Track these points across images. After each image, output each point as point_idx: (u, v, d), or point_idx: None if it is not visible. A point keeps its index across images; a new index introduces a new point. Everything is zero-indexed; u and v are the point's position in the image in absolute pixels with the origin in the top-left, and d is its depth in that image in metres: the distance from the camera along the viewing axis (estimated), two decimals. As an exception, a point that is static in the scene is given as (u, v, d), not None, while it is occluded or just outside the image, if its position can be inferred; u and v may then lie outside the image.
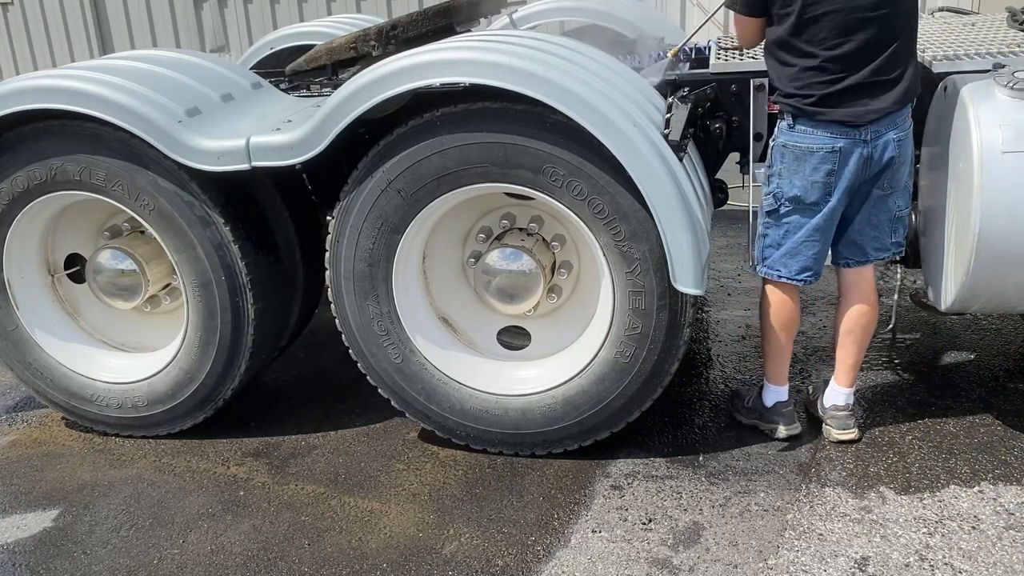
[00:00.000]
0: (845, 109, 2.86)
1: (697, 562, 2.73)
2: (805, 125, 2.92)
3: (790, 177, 2.98)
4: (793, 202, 2.99)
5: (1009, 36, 3.54)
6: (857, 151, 2.89)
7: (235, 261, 3.29)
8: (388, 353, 3.25)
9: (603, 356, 3.11)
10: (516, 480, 3.20)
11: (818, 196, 2.95)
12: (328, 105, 2.99)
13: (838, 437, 3.25)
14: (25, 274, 3.66)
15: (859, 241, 3.10)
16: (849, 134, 2.88)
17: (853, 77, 2.84)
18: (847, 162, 2.90)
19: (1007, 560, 2.63)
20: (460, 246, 3.45)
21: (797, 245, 3.04)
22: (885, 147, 2.91)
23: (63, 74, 3.31)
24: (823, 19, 2.82)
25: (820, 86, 2.86)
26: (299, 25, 6.03)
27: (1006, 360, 3.83)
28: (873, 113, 2.86)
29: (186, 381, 3.49)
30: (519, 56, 2.84)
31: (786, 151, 2.98)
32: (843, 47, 2.83)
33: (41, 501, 3.31)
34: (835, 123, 2.88)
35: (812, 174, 2.93)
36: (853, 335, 3.20)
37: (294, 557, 2.89)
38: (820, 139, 2.90)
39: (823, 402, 3.32)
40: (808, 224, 3.00)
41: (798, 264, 3.07)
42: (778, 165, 3.02)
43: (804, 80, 2.89)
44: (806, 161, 2.93)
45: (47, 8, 9.59)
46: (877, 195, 3.01)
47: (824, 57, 2.85)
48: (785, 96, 2.95)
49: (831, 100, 2.86)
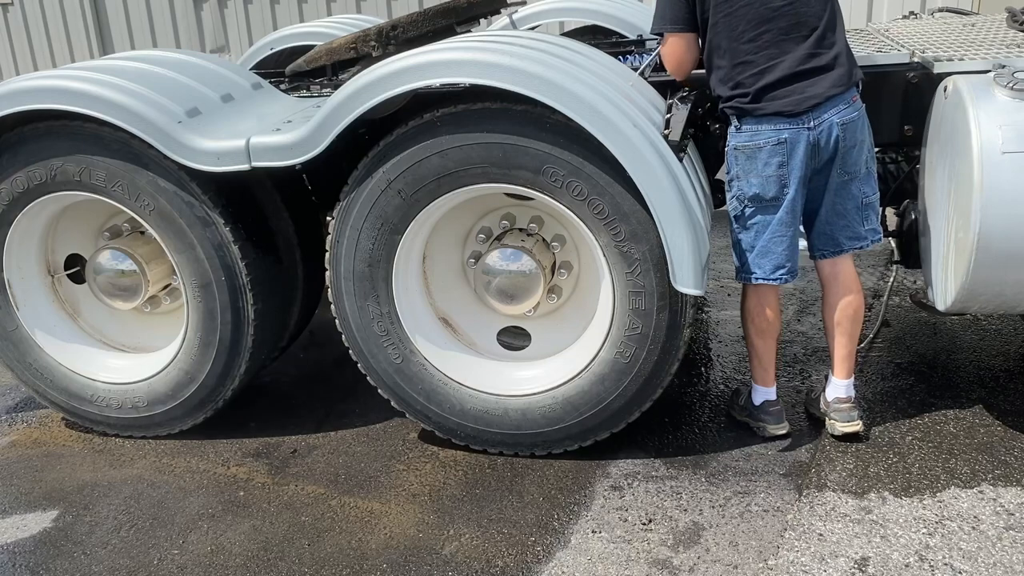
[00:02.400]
0: (781, 100, 2.92)
1: (697, 562, 2.73)
2: (749, 124, 2.99)
3: (746, 177, 3.04)
4: (754, 201, 3.05)
5: (1009, 36, 3.54)
6: (803, 139, 2.93)
7: (235, 261, 3.29)
8: (388, 353, 3.25)
9: (603, 356, 3.11)
10: (516, 480, 3.20)
11: (775, 191, 3.00)
12: (328, 106, 2.99)
13: (843, 430, 3.24)
14: (25, 274, 3.66)
15: (829, 231, 3.14)
16: (792, 123, 2.93)
17: (781, 67, 2.91)
18: (795, 151, 2.95)
19: (1007, 560, 2.63)
20: (460, 246, 3.46)
21: (766, 244, 3.08)
22: (830, 131, 2.94)
23: (63, 74, 3.31)
24: (737, 14, 2.92)
25: (751, 80, 2.93)
26: (299, 25, 6.03)
27: (1006, 360, 3.83)
28: (811, 99, 2.91)
29: (186, 381, 3.49)
30: (519, 56, 2.84)
31: (738, 152, 3.04)
32: (762, 38, 2.91)
33: (41, 501, 3.31)
34: (775, 115, 2.93)
35: (764, 169, 2.98)
36: (841, 327, 3.23)
37: (294, 557, 2.89)
38: (765, 134, 2.96)
39: (825, 398, 3.33)
40: (772, 220, 3.05)
41: (771, 263, 3.11)
42: (734, 168, 3.08)
43: (735, 79, 2.96)
44: (756, 158, 2.99)
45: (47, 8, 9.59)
46: (836, 182, 3.05)
47: (747, 51, 2.93)
48: (725, 100, 3.03)
49: (765, 93, 2.93)
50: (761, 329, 3.26)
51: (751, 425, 3.38)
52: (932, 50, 3.34)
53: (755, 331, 3.27)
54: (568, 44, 3.29)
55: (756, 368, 3.34)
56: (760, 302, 3.22)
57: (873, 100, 3.40)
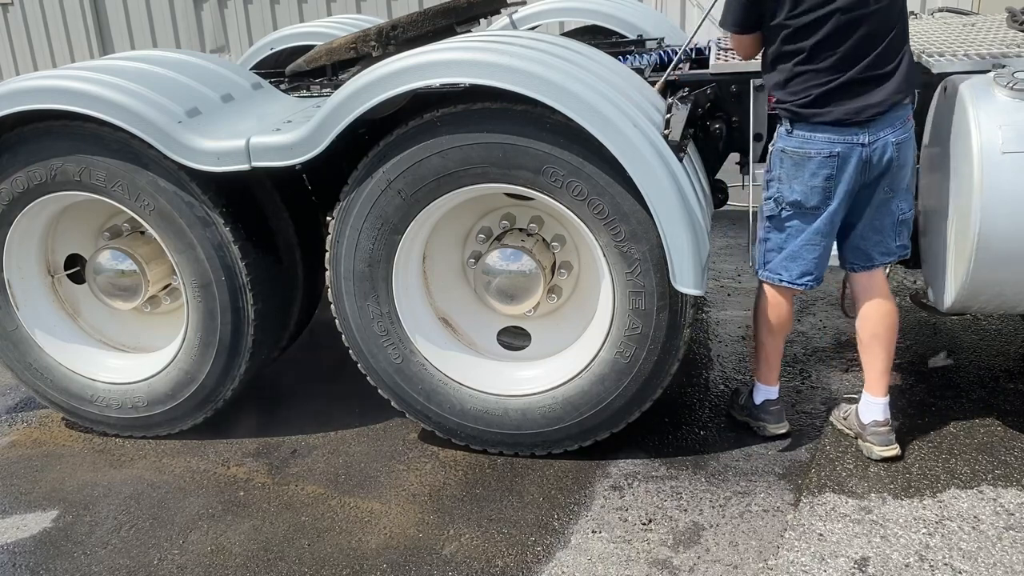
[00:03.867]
0: (841, 107, 2.85)
1: (697, 562, 2.73)
2: (802, 130, 2.92)
3: (789, 182, 2.97)
4: (793, 207, 2.98)
5: (1009, 36, 3.54)
6: (856, 155, 2.88)
7: (235, 261, 3.29)
8: (388, 353, 3.25)
9: (603, 356, 3.11)
10: (516, 480, 3.20)
11: (818, 200, 2.94)
12: (328, 106, 2.99)
13: (881, 454, 3.12)
14: (25, 274, 3.66)
15: (863, 246, 3.08)
16: (847, 138, 2.86)
17: (848, 74, 2.83)
18: (846, 166, 2.89)
19: (1007, 560, 2.63)
20: (460, 246, 3.46)
21: (798, 249, 3.03)
22: (884, 149, 2.89)
23: (63, 74, 3.31)
24: (817, 24, 2.81)
25: (816, 87, 2.86)
26: (299, 25, 6.04)
27: (1006, 360, 3.83)
28: (870, 109, 2.84)
29: (186, 381, 3.49)
30: (519, 56, 2.85)
31: (784, 156, 2.97)
32: (840, 48, 2.82)
33: (41, 501, 3.31)
34: (832, 125, 2.86)
35: (811, 179, 2.92)
36: (879, 339, 3.13)
37: (294, 557, 2.89)
38: (818, 144, 2.89)
39: (860, 418, 3.21)
40: (809, 228, 2.99)
41: (799, 268, 3.06)
42: (777, 170, 3.01)
43: (798, 84, 2.89)
44: (804, 166, 2.92)
45: (47, 8, 9.60)
46: (879, 199, 2.99)
47: (820, 59, 2.84)
48: (780, 101, 2.96)
49: (825, 99, 2.85)
50: (773, 328, 3.21)
51: (751, 424, 3.37)
52: (932, 50, 3.34)
53: (767, 329, 3.22)
54: (568, 44, 3.29)
55: (761, 366, 3.31)
56: (777, 301, 3.17)
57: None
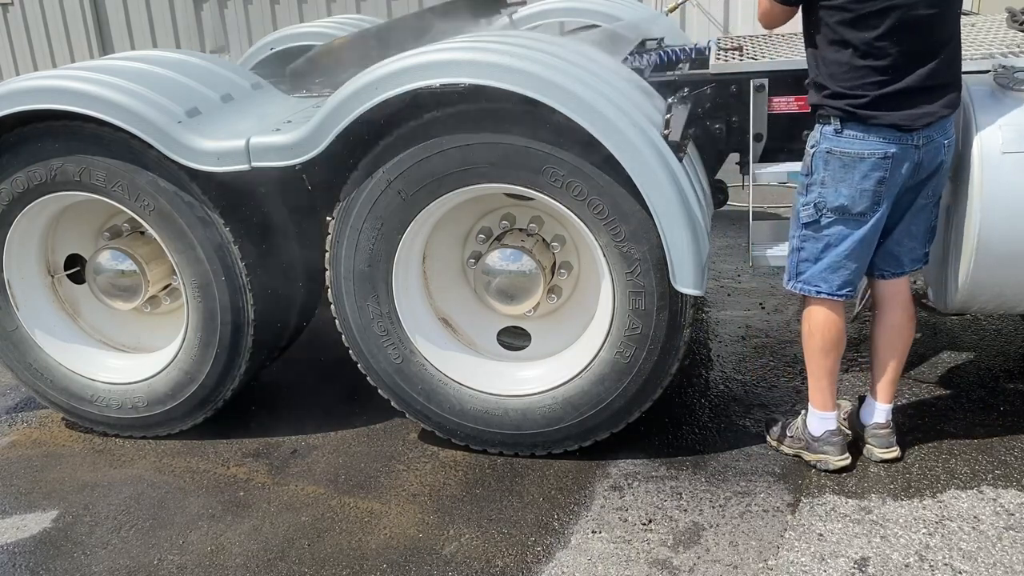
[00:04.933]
0: (900, 112, 2.67)
1: (697, 562, 2.73)
2: (855, 130, 2.71)
3: (835, 185, 2.77)
4: (837, 212, 2.80)
5: (1009, 36, 3.54)
6: (909, 157, 2.72)
7: (235, 261, 3.29)
8: (388, 354, 3.25)
9: (603, 357, 3.11)
10: (516, 481, 3.20)
11: (866, 206, 2.76)
12: (328, 106, 2.99)
13: (881, 456, 3.09)
14: (25, 275, 3.66)
15: (896, 252, 2.95)
16: (902, 139, 2.70)
17: (907, 79, 2.65)
18: (899, 169, 2.73)
19: (1007, 560, 2.63)
20: (460, 246, 3.46)
21: (840, 259, 2.85)
22: (936, 152, 2.76)
23: (63, 75, 3.31)
24: (880, 15, 2.60)
25: (874, 86, 2.66)
26: (299, 25, 6.04)
27: (1006, 360, 3.83)
28: (927, 117, 2.69)
29: (186, 382, 3.49)
30: (519, 57, 2.84)
31: (831, 157, 2.76)
32: (899, 47, 2.62)
33: (41, 501, 3.31)
34: (887, 127, 2.69)
35: (862, 182, 2.73)
36: (895, 349, 3.04)
37: (294, 557, 2.89)
38: (872, 144, 2.70)
39: (862, 420, 3.18)
40: (853, 236, 2.81)
41: (840, 279, 2.88)
42: (821, 172, 2.80)
43: (857, 80, 2.67)
44: (855, 168, 2.73)
45: (47, 8, 9.60)
46: (920, 204, 2.86)
47: (879, 55, 2.63)
48: (832, 96, 2.73)
49: (883, 102, 2.67)
50: (828, 347, 2.98)
51: (806, 458, 3.12)
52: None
53: (822, 348, 2.98)
54: (568, 44, 3.29)
55: (816, 391, 3.05)
56: (827, 316, 2.94)
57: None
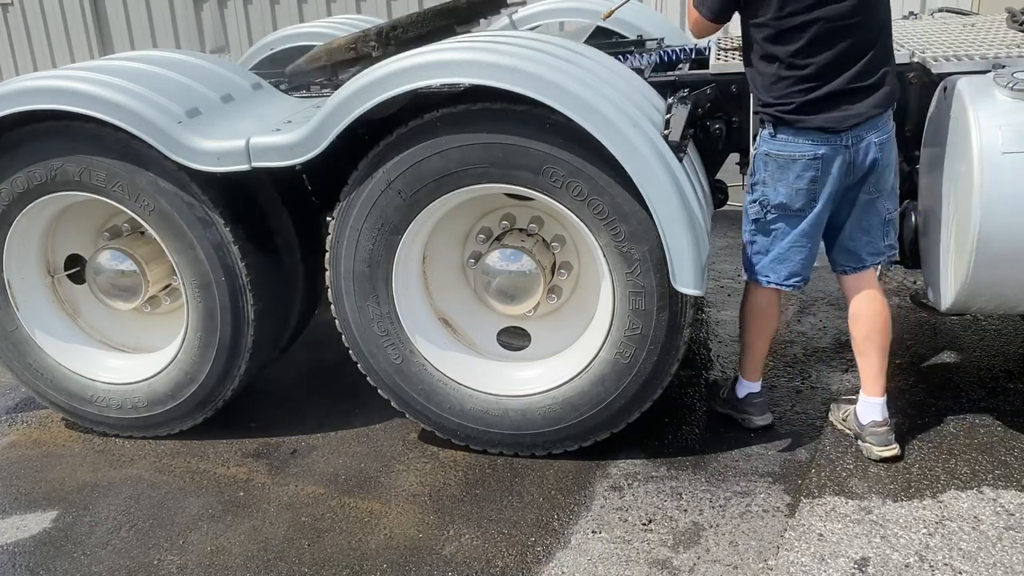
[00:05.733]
0: (824, 115, 2.86)
1: (697, 562, 2.73)
2: (786, 133, 2.93)
3: (775, 185, 2.99)
4: (778, 209, 3.00)
5: (1009, 36, 3.54)
6: (839, 157, 2.90)
7: (235, 262, 3.29)
8: (388, 354, 3.25)
9: (603, 357, 3.11)
10: (516, 481, 3.20)
11: (803, 203, 2.97)
12: (328, 106, 2.99)
13: (880, 455, 3.13)
14: (25, 275, 3.66)
15: (852, 247, 3.11)
16: (830, 140, 2.88)
17: (831, 84, 2.85)
18: (830, 168, 2.91)
19: (1007, 560, 2.63)
20: (460, 247, 3.45)
21: (785, 251, 3.06)
22: (867, 151, 2.92)
23: (63, 75, 3.31)
24: (800, 28, 2.82)
25: (800, 93, 2.87)
26: (299, 26, 6.04)
27: (1006, 360, 3.83)
28: (853, 118, 2.87)
29: (186, 382, 3.49)
30: (519, 57, 2.84)
31: (769, 159, 2.99)
32: (821, 55, 2.83)
33: (41, 502, 3.31)
34: (815, 130, 2.88)
35: (796, 182, 2.94)
36: (871, 340, 3.14)
37: (294, 557, 2.89)
38: (801, 147, 2.91)
39: (859, 419, 3.21)
40: (795, 231, 3.02)
41: (787, 270, 3.09)
42: (761, 173, 3.02)
43: (782, 89, 2.89)
44: (789, 169, 2.94)
45: (47, 8, 9.60)
46: (864, 199, 3.02)
47: (802, 66, 2.85)
48: (764, 105, 2.96)
49: (809, 107, 2.87)
50: (762, 330, 3.27)
51: (734, 416, 3.42)
52: (932, 50, 3.34)
53: (756, 331, 3.27)
54: (568, 44, 3.29)
55: (747, 363, 3.36)
56: (766, 303, 3.21)
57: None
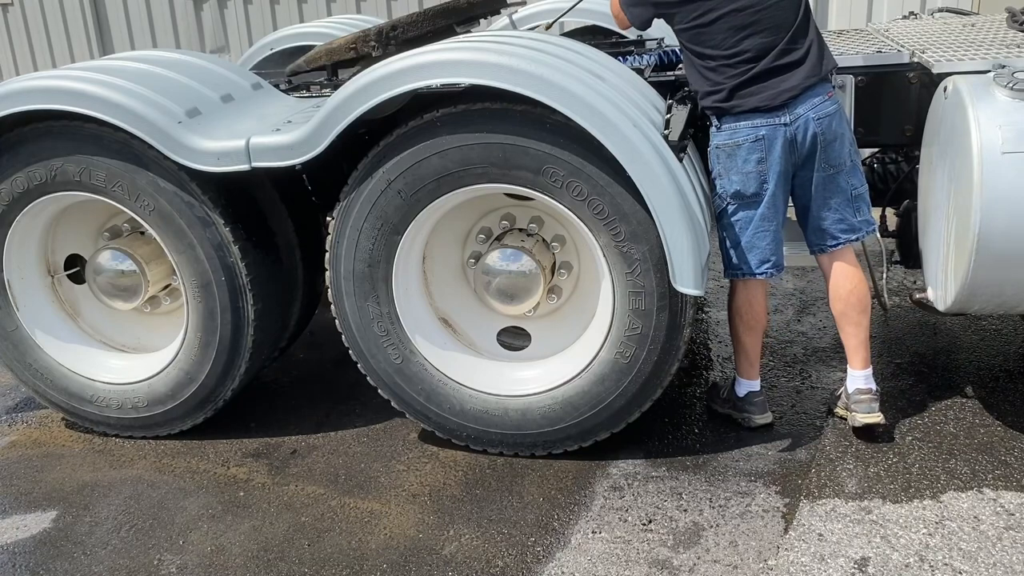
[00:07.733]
0: (757, 96, 2.98)
1: (697, 562, 2.73)
2: (728, 122, 3.04)
3: (728, 175, 3.08)
4: (736, 198, 3.09)
5: (1009, 36, 3.54)
6: (780, 135, 3.00)
7: (235, 262, 3.29)
8: (388, 354, 3.25)
9: (603, 357, 3.11)
10: (516, 481, 3.20)
11: (755, 187, 3.05)
12: (328, 106, 2.99)
13: (863, 421, 3.20)
14: (25, 275, 3.66)
15: (822, 226, 3.17)
16: (769, 120, 2.99)
17: (758, 66, 2.97)
18: (774, 147, 3.01)
19: (1007, 560, 2.63)
20: (460, 247, 3.46)
21: (750, 239, 3.13)
22: (806, 127, 2.99)
23: (63, 75, 3.31)
24: (716, 23, 2.96)
25: (729, 79, 2.99)
26: (299, 26, 6.03)
27: (1006, 360, 3.83)
28: (786, 92, 2.97)
29: (186, 382, 3.49)
30: (519, 57, 2.84)
31: (719, 151, 3.09)
32: (741, 44, 2.96)
33: (41, 502, 3.31)
34: (752, 112, 2.99)
35: (744, 166, 3.04)
36: (847, 316, 3.23)
37: (294, 557, 2.89)
38: (743, 131, 3.01)
39: (845, 391, 3.32)
40: (754, 216, 3.10)
41: (756, 257, 3.15)
42: (716, 167, 3.13)
43: (713, 80, 3.02)
44: (736, 155, 3.04)
45: (47, 8, 9.58)
46: (821, 177, 3.09)
47: (725, 56, 2.98)
48: (703, 98, 3.08)
49: (742, 91, 2.98)
50: (749, 325, 3.29)
51: (735, 416, 3.43)
52: (932, 50, 3.34)
53: (743, 327, 3.30)
54: (568, 44, 3.29)
55: (742, 362, 3.38)
56: (748, 298, 3.26)
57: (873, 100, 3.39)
